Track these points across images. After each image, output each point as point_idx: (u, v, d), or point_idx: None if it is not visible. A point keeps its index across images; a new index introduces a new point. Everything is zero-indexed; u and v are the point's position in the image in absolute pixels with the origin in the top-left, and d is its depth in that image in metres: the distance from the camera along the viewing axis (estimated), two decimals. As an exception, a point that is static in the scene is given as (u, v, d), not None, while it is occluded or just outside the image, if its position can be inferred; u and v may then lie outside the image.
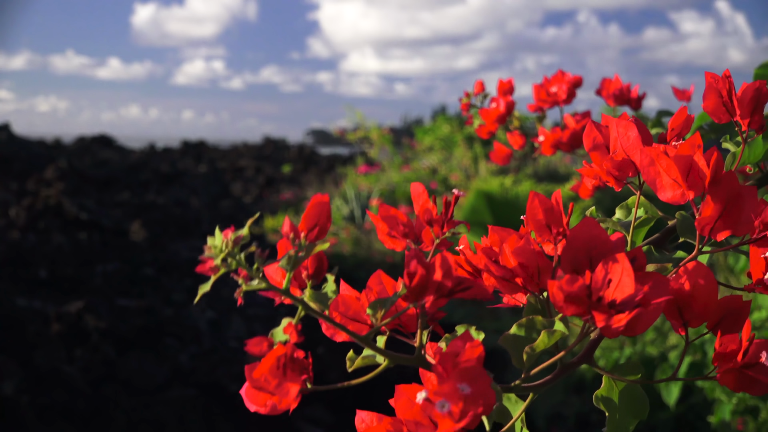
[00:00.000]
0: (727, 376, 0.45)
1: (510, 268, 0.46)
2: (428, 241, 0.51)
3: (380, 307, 0.44)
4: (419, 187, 0.52)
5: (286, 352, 0.43)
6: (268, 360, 0.43)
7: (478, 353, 0.39)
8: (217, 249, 0.43)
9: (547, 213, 0.47)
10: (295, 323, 0.46)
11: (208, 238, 0.44)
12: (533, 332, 0.46)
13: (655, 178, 0.47)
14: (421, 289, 0.43)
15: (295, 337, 0.45)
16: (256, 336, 0.48)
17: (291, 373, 0.43)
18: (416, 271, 0.43)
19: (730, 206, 0.46)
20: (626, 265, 0.41)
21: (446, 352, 0.39)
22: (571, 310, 0.41)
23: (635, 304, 0.40)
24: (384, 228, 0.51)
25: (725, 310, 0.47)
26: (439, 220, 0.50)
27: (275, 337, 0.46)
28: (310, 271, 0.50)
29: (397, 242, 0.51)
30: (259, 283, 0.44)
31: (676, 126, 0.54)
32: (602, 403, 0.48)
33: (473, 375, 0.37)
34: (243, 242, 0.43)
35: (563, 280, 0.41)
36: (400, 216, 0.51)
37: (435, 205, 0.51)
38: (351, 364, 0.47)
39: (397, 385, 0.39)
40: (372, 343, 0.46)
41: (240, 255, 0.43)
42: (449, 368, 0.38)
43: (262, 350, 0.45)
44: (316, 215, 0.48)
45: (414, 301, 0.44)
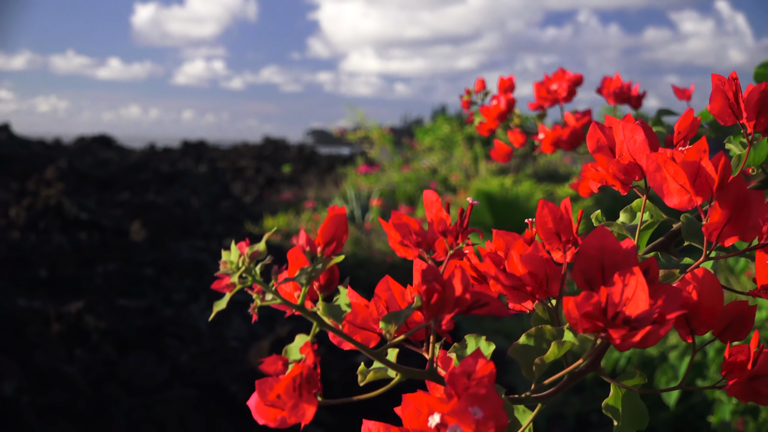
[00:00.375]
0: (736, 387, 0.45)
1: (518, 276, 0.46)
2: (441, 251, 0.50)
3: (394, 322, 0.43)
4: (432, 195, 0.51)
5: (302, 372, 0.42)
6: (285, 380, 0.42)
7: (490, 371, 0.38)
8: (233, 265, 0.42)
9: (556, 221, 0.47)
10: (311, 341, 0.44)
11: (223, 252, 0.43)
12: (543, 343, 0.46)
13: (662, 184, 0.47)
14: (440, 306, 0.42)
15: (311, 357, 0.43)
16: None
17: (307, 394, 0.42)
18: (434, 289, 0.42)
19: (738, 212, 0.45)
20: (641, 280, 0.40)
21: (457, 372, 0.38)
22: (586, 328, 0.41)
23: (651, 321, 0.40)
24: (396, 236, 0.51)
25: (732, 317, 0.46)
26: (453, 230, 0.49)
27: (290, 354, 0.45)
28: (322, 282, 0.49)
29: (410, 251, 0.51)
30: (273, 298, 0.43)
31: (683, 129, 0.54)
32: (610, 412, 0.48)
33: (486, 398, 0.37)
34: (260, 258, 0.42)
35: (579, 297, 0.40)
36: (412, 224, 0.50)
37: (449, 215, 0.50)
38: (362, 378, 0.46)
39: (404, 395, 0.39)
40: (383, 357, 0.45)
41: (256, 270, 0.42)
42: (461, 390, 0.37)
43: (277, 369, 0.44)
44: (333, 228, 0.47)
45: (431, 318, 0.43)
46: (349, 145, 10.94)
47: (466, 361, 0.38)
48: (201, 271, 5.15)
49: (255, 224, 7.13)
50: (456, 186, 7.01)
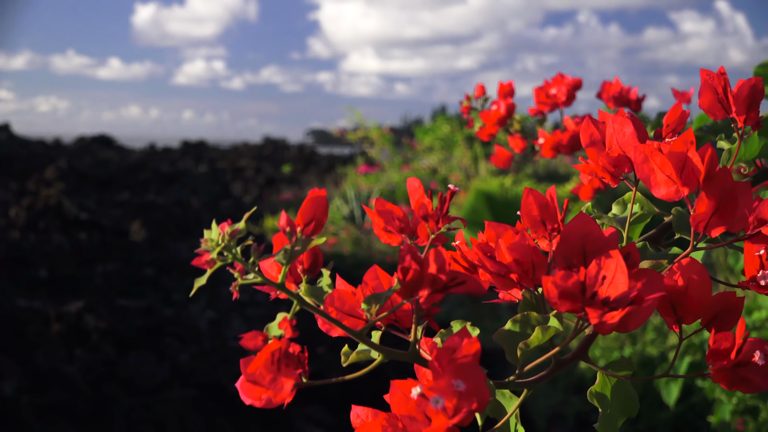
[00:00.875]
0: (720, 374, 0.45)
1: (505, 264, 0.46)
2: (424, 236, 0.51)
3: (375, 302, 0.44)
4: (415, 182, 0.52)
5: (280, 347, 0.44)
6: (263, 355, 0.43)
7: (475, 349, 0.39)
8: (214, 242, 0.44)
9: (541, 209, 0.48)
10: (290, 318, 0.46)
11: (205, 231, 0.44)
12: (528, 328, 0.46)
13: (650, 175, 0.47)
14: (416, 283, 0.43)
15: (290, 332, 0.45)
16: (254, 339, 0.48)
17: (285, 368, 0.44)
18: (410, 266, 0.43)
19: (725, 202, 0.45)
20: (620, 261, 0.41)
21: (443, 348, 0.39)
22: (565, 307, 0.41)
23: (629, 301, 0.40)
24: (380, 223, 0.52)
25: (719, 307, 0.47)
26: (434, 215, 0.50)
27: (270, 331, 0.46)
28: (306, 265, 0.50)
29: (393, 237, 0.51)
30: (254, 277, 0.44)
31: (671, 122, 0.54)
32: (596, 399, 0.49)
33: (468, 371, 0.37)
34: (239, 236, 0.43)
35: (557, 276, 0.41)
36: (396, 211, 0.51)
37: (430, 200, 0.50)
38: (346, 359, 0.48)
39: (392, 381, 0.39)
40: (366, 338, 0.46)
41: (236, 249, 0.44)
42: (445, 364, 0.38)
43: (257, 345, 0.45)
44: (313, 209, 0.48)
45: (408, 296, 0.44)
46: (349, 145, 10.95)
47: (452, 339, 0.39)
48: (201, 271, 5.14)
49: (255, 224, 7.14)
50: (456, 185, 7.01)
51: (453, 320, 0.49)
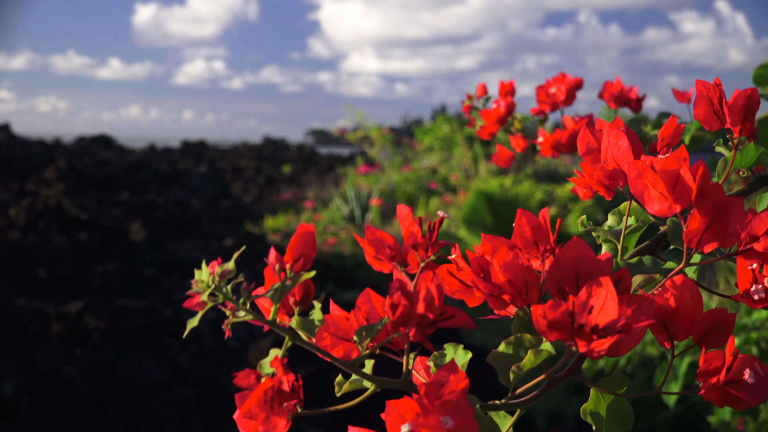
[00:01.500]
0: (711, 393, 0.46)
1: (498, 284, 0.46)
2: (414, 264, 0.51)
3: (366, 335, 0.45)
4: (404, 210, 0.52)
5: (272, 385, 0.44)
6: (255, 394, 0.44)
7: (463, 385, 0.39)
8: (204, 284, 0.44)
9: (534, 230, 0.48)
10: (282, 356, 0.46)
11: (195, 271, 0.45)
12: (521, 350, 0.47)
13: (643, 191, 0.48)
14: (404, 320, 0.44)
15: (281, 371, 0.45)
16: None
17: (278, 407, 0.44)
18: (399, 303, 0.44)
19: (717, 218, 0.46)
20: (611, 289, 0.41)
21: (431, 383, 0.39)
22: (554, 336, 0.41)
23: (617, 330, 0.40)
24: (371, 251, 0.52)
25: (711, 324, 0.47)
26: (423, 244, 0.50)
27: (262, 369, 0.47)
28: (297, 297, 0.51)
29: (384, 265, 0.52)
30: (245, 314, 0.45)
31: (666, 136, 0.54)
32: (590, 416, 0.49)
33: (456, 407, 0.37)
34: (230, 276, 0.44)
35: (546, 306, 0.41)
36: (386, 239, 0.52)
37: (420, 228, 0.51)
38: (339, 389, 0.48)
39: (388, 401, 0.40)
40: (357, 369, 0.47)
41: (227, 288, 0.44)
42: (433, 400, 0.38)
43: (249, 383, 0.46)
44: (301, 245, 0.50)
45: (395, 332, 0.45)
46: (349, 145, 10.95)
47: (440, 372, 0.39)
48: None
49: (255, 224, 7.14)
50: (456, 186, 7.02)
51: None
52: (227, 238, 6.58)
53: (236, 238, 6.47)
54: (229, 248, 6.01)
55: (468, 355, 0.47)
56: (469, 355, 0.47)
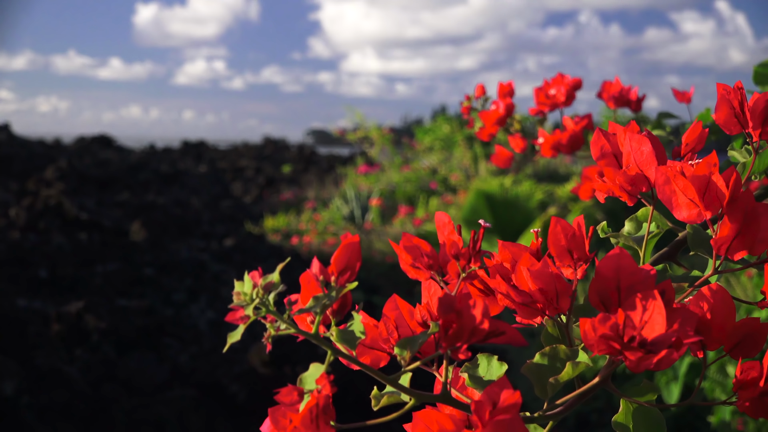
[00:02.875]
0: (748, 404, 0.45)
1: (529, 293, 0.46)
2: (453, 274, 0.49)
3: (409, 348, 0.43)
4: (445, 217, 0.51)
5: (319, 403, 0.43)
6: (302, 413, 0.42)
7: (515, 401, 0.37)
8: (248, 296, 0.42)
9: (569, 239, 0.47)
10: (327, 371, 0.45)
11: (236, 283, 0.43)
12: (557, 362, 0.46)
13: (671, 197, 0.47)
14: (457, 337, 0.42)
15: (328, 388, 0.43)
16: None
17: (323, 425, 0.43)
18: (452, 320, 0.42)
19: (747, 225, 0.45)
20: (659, 303, 0.40)
21: (482, 401, 0.37)
22: (603, 350, 0.41)
23: (668, 345, 0.40)
24: (408, 259, 0.50)
25: (743, 334, 0.46)
26: (465, 253, 0.49)
27: (305, 384, 0.45)
28: (335, 307, 0.49)
29: (421, 273, 0.50)
30: (287, 327, 0.43)
31: (691, 141, 0.54)
32: (620, 429, 0.47)
33: (510, 427, 0.37)
34: (274, 290, 0.42)
35: (596, 320, 0.40)
36: (423, 246, 0.50)
37: (461, 237, 0.49)
38: (376, 402, 0.46)
39: (414, 412, 0.39)
40: (397, 383, 0.45)
41: (270, 301, 0.42)
42: (485, 420, 0.37)
43: (292, 400, 0.44)
44: (347, 257, 0.47)
45: (449, 348, 0.43)
46: (349, 145, 10.95)
47: (492, 390, 0.38)
48: (201, 271, 5.15)
49: (255, 224, 7.14)
50: (456, 186, 7.02)
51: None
52: (227, 238, 6.58)
53: (236, 238, 6.47)
54: (229, 248, 6.01)
55: (504, 367, 0.45)
56: (505, 367, 0.45)
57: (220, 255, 5.72)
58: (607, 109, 1.07)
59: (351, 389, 2.80)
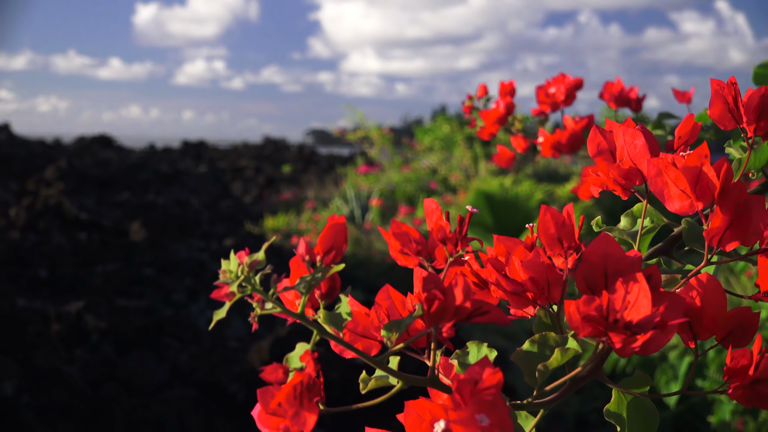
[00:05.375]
0: (738, 392, 0.45)
1: (520, 282, 0.46)
2: (441, 259, 0.50)
3: (395, 330, 0.43)
4: (432, 204, 0.51)
5: (302, 380, 0.43)
6: (285, 389, 0.43)
7: (497, 380, 0.38)
8: (233, 274, 0.43)
9: (558, 227, 0.47)
10: (311, 349, 0.45)
11: (222, 261, 0.43)
12: (546, 349, 0.46)
13: (663, 189, 0.47)
14: (440, 314, 0.42)
15: (312, 365, 0.44)
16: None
17: (308, 402, 0.43)
18: (435, 297, 0.42)
19: (739, 217, 0.45)
20: (644, 285, 0.40)
21: (464, 379, 0.38)
22: (588, 331, 0.41)
23: (652, 326, 0.40)
24: (396, 245, 0.51)
25: (735, 323, 0.46)
26: (453, 238, 0.49)
27: (290, 363, 0.46)
28: (323, 290, 0.49)
29: (410, 259, 0.51)
30: (273, 307, 0.43)
31: (683, 134, 0.54)
32: (613, 419, 0.48)
33: (492, 405, 0.37)
34: (259, 267, 0.43)
35: (580, 301, 0.40)
36: (412, 233, 0.50)
37: (448, 223, 0.50)
38: (364, 386, 0.46)
39: (406, 401, 0.39)
40: (385, 365, 0.45)
41: (255, 279, 0.43)
42: (467, 397, 0.37)
43: (277, 378, 0.44)
44: (333, 237, 0.48)
45: (432, 326, 0.43)
46: (349, 145, 10.95)
47: (473, 369, 0.38)
48: (201, 271, 5.15)
49: (255, 224, 7.14)
50: (456, 186, 7.02)
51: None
52: (227, 238, 6.58)
53: (236, 238, 6.47)
54: (229, 248, 6.01)
55: (494, 353, 0.46)
56: (494, 353, 0.46)
57: (220, 255, 5.72)
58: (608, 109, 1.07)
59: (350, 389, 2.80)
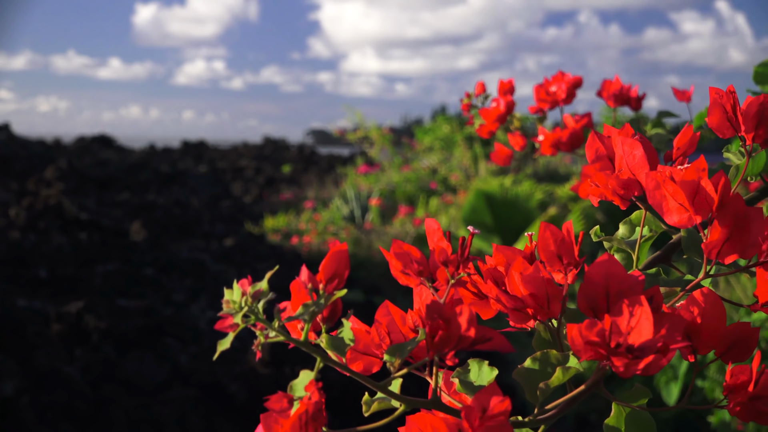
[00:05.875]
0: (738, 408, 0.45)
1: (520, 298, 0.46)
2: (443, 280, 0.50)
3: (398, 355, 0.44)
4: (434, 224, 0.51)
5: (308, 410, 0.43)
6: (291, 419, 0.43)
7: (505, 408, 0.38)
8: (236, 305, 0.43)
9: (558, 244, 0.48)
10: (316, 378, 0.45)
11: (225, 290, 0.44)
12: (548, 367, 0.46)
13: (662, 202, 0.47)
14: (444, 344, 0.43)
15: (316, 395, 0.44)
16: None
17: (313, 431, 0.43)
18: (438, 327, 0.43)
19: (737, 230, 0.45)
20: (646, 308, 0.40)
21: (472, 407, 0.38)
22: (590, 355, 0.41)
23: (654, 350, 0.40)
24: (398, 266, 0.51)
25: (734, 338, 0.46)
26: (454, 260, 0.49)
27: (294, 391, 0.46)
28: (325, 314, 0.50)
29: (411, 279, 0.51)
30: (276, 335, 0.44)
31: (682, 145, 0.54)
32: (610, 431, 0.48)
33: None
34: (263, 298, 0.43)
35: (583, 326, 0.41)
36: (413, 252, 0.51)
37: (450, 244, 0.50)
38: (367, 408, 0.47)
39: (408, 416, 0.39)
40: (387, 389, 0.46)
41: (259, 308, 0.43)
42: (476, 426, 0.37)
43: (282, 407, 0.45)
44: (335, 264, 0.48)
45: (435, 355, 0.43)
46: (349, 145, 10.95)
47: (482, 396, 0.38)
48: (201, 271, 5.15)
49: (255, 224, 7.14)
50: (456, 186, 7.02)
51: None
52: (227, 238, 6.58)
53: (236, 238, 6.46)
54: (229, 248, 6.01)
55: (494, 372, 0.46)
56: (495, 372, 0.46)
57: (220, 255, 5.72)
58: (608, 108, 1.07)
59: (350, 391, 2.80)
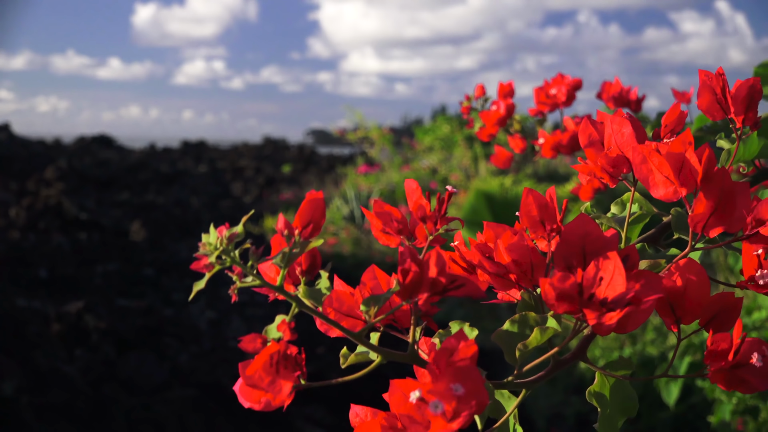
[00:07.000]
0: (718, 375, 0.45)
1: (504, 265, 0.46)
2: (422, 238, 0.51)
3: (373, 304, 0.44)
4: (412, 184, 0.52)
5: (279, 349, 0.44)
6: (261, 357, 0.43)
7: (472, 352, 0.38)
8: (212, 246, 0.44)
9: (541, 209, 0.48)
10: (289, 320, 0.46)
11: (203, 235, 0.44)
12: (526, 329, 0.47)
13: (648, 176, 0.47)
14: (415, 286, 0.43)
15: (288, 334, 0.45)
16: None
17: (284, 370, 0.44)
18: (410, 269, 0.43)
19: (723, 203, 0.45)
20: (618, 263, 0.41)
21: (440, 350, 0.39)
22: (563, 308, 0.41)
23: (626, 302, 0.40)
24: (378, 224, 0.52)
25: (718, 307, 0.47)
26: (432, 216, 0.50)
27: (269, 334, 0.46)
28: (304, 267, 0.50)
29: (391, 238, 0.52)
30: (253, 280, 0.44)
31: (669, 122, 0.54)
32: (594, 398, 0.49)
33: (466, 374, 0.37)
34: (238, 239, 0.44)
35: (555, 278, 0.41)
36: (394, 212, 0.52)
37: (428, 202, 0.51)
38: (344, 360, 0.47)
39: (392, 380, 0.39)
40: (365, 340, 0.46)
41: (235, 252, 0.44)
42: (443, 367, 0.38)
43: (255, 347, 0.45)
44: (311, 212, 0.49)
45: (408, 298, 0.44)
46: (349, 145, 10.95)
47: (449, 340, 0.39)
48: (201, 273, 5.15)
49: (255, 224, 7.14)
50: (456, 186, 7.02)
51: (452, 320, 0.50)
52: (227, 238, 6.58)
53: (236, 238, 6.46)
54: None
55: (474, 332, 0.46)
56: (475, 332, 0.46)
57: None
58: (607, 109, 1.07)
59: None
